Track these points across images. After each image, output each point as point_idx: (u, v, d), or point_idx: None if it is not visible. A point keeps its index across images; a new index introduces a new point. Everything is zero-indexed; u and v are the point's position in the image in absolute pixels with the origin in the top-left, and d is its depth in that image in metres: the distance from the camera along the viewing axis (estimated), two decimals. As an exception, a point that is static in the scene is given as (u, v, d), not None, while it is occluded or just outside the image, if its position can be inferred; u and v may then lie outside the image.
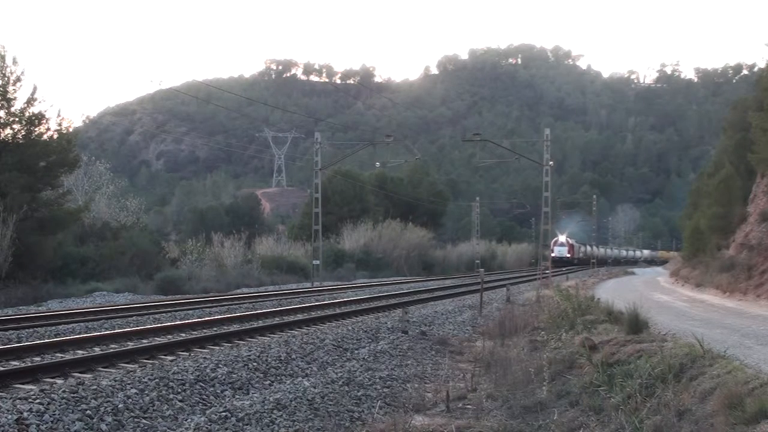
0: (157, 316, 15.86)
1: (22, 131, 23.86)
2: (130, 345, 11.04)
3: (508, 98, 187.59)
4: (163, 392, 7.92)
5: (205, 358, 9.76)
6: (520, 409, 7.76)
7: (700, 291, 24.54)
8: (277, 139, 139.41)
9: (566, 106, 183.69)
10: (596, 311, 13.01)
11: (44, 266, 23.75)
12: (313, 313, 16.90)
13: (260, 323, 14.44)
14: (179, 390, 8.11)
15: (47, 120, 24.50)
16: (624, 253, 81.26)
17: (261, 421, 7.47)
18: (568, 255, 65.28)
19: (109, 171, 38.70)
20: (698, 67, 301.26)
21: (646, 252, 78.38)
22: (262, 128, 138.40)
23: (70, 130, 27.34)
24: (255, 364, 9.82)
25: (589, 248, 70.76)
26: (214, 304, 19.02)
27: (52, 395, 7.13)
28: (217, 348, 10.98)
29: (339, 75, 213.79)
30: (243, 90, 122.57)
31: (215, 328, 13.53)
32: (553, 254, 62.49)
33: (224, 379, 8.88)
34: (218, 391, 8.47)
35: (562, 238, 66.22)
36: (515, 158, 45.89)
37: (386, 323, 15.10)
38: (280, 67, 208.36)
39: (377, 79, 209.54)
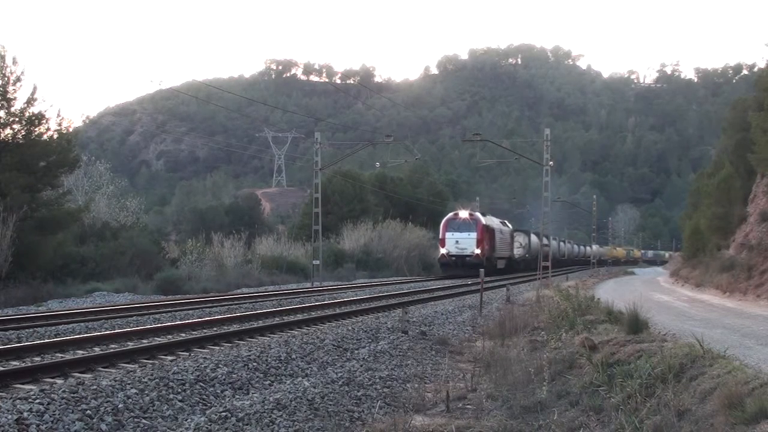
0: (157, 316, 15.84)
1: (22, 131, 23.82)
2: (130, 345, 11.02)
3: (508, 98, 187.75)
4: (163, 392, 7.92)
5: (205, 358, 9.76)
6: (520, 409, 7.76)
7: (700, 291, 24.55)
8: (277, 139, 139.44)
9: (566, 106, 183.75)
10: (596, 311, 13.01)
11: (44, 266, 23.70)
12: (313, 313, 16.87)
13: (260, 323, 14.42)
14: (179, 390, 8.11)
15: (47, 120, 24.48)
16: (577, 249, 77.31)
17: (261, 421, 7.47)
18: (477, 251, 37.19)
19: (109, 171, 38.72)
20: (698, 67, 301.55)
21: (595, 247, 75.80)
22: (262, 128, 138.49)
23: (70, 130, 27.31)
24: (255, 364, 9.82)
25: (536, 239, 46.92)
26: (214, 304, 18.99)
27: (52, 395, 7.13)
28: (217, 348, 10.98)
29: (339, 75, 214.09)
30: (243, 90, 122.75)
31: (215, 328, 13.51)
32: (443, 249, 38.39)
33: (224, 379, 8.88)
34: (218, 391, 8.47)
35: (464, 214, 39.52)
36: (515, 158, 45.91)
37: (386, 323, 15.08)
38: (280, 67, 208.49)
39: (377, 79, 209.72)
